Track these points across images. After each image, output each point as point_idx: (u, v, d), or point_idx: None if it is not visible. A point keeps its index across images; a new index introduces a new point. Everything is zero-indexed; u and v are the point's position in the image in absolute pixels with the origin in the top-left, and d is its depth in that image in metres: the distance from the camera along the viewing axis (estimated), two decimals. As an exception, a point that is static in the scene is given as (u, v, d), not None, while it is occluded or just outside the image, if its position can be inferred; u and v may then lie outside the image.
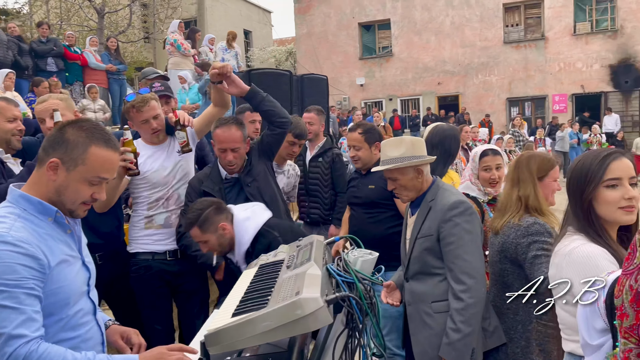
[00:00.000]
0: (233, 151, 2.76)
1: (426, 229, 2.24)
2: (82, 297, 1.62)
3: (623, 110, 18.09)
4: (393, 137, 10.47)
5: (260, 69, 6.04)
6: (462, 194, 2.38)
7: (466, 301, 2.09)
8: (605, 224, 1.59)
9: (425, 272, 2.25)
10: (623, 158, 1.60)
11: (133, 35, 16.94)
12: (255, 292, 1.54)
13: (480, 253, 2.20)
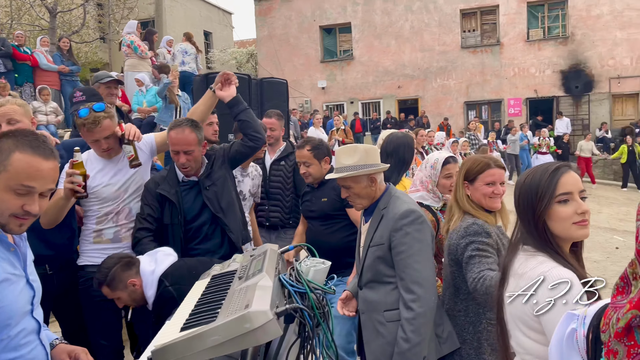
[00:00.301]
0: (186, 153, 2.73)
1: (378, 237, 2.24)
2: (24, 316, 1.56)
3: (574, 114, 18.83)
4: (353, 140, 10.55)
5: (218, 72, 5.95)
6: (414, 202, 2.40)
7: (416, 310, 2.09)
8: (560, 241, 1.53)
9: (377, 280, 2.25)
10: (571, 171, 1.55)
11: (87, 35, 16.46)
12: (205, 305, 1.52)
13: (431, 262, 2.21)
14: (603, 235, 9.25)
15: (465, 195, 2.26)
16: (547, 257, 1.48)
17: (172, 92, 7.57)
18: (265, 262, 1.66)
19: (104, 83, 4.26)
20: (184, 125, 2.73)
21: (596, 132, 18.33)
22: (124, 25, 16.94)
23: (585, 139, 15.79)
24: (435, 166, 2.78)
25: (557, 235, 1.51)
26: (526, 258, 1.52)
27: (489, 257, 2.07)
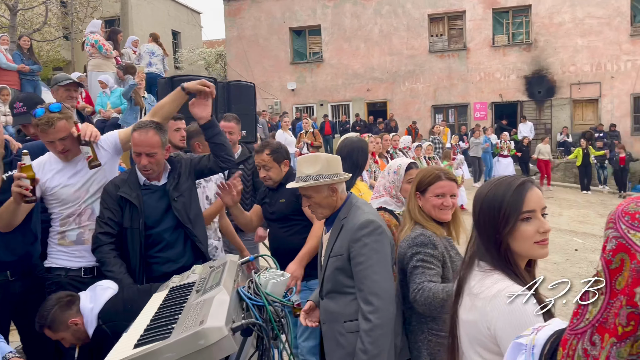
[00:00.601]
0: (148, 156, 2.69)
1: (338, 248, 2.24)
2: None
3: (537, 119, 19.35)
4: (322, 143, 10.55)
5: (184, 76, 5.90)
6: (375, 212, 2.40)
7: (374, 322, 2.07)
8: (517, 259, 1.48)
9: (337, 290, 2.24)
10: (534, 187, 1.50)
11: (49, 34, 15.98)
12: (161, 320, 1.50)
13: (390, 273, 2.20)
14: (563, 237, 9.53)
15: (417, 205, 2.29)
16: (503, 275, 1.44)
17: (137, 94, 7.45)
18: (224, 275, 1.66)
19: (63, 85, 4.16)
20: (148, 127, 2.69)
21: (557, 137, 18.88)
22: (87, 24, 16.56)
23: (543, 142, 16.24)
24: (399, 172, 2.82)
25: (517, 253, 1.47)
26: (482, 276, 1.47)
27: (432, 269, 2.09)
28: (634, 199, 0.92)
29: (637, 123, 18.99)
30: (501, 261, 1.45)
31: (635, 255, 0.86)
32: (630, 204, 0.90)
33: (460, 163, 11.19)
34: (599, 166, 16.23)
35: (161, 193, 2.80)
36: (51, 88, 4.16)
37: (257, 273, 1.68)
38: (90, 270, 2.76)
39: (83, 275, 2.74)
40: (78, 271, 2.73)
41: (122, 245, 2.69)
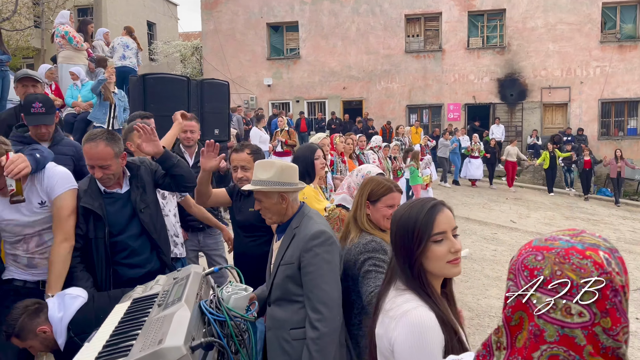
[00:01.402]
0: (102, 168, 2.63)
1: (289, 256, 2.27)
2: None
3: (508, 121, 19.73)
4: (297, 141, 10.53)
5: (156, 74, 5.83)
6: (326, 223, 2.43)
7: (321, 330, 2.12)
8: (431, 278, 1.56)
9: (286, 298, 2.27)
10: (445, 209, 1.59)
11: (19, 23, 15.54)
12: (121, 335, 1.51)
13: (338, 283, 2.24)
14: (529, 239, 9.78)
15: (365, 214, 2.38)
16: (414, 295, 1.51)
17: (107, 89, 7.33)
18: (187, 289, 1.67)
19: (19, 81, 4.07)
20: (98, 139, 2.63)
21: (527, 139, 19.30)
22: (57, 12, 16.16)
23: (512, 144, 16.59)
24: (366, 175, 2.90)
25: (431, 272, 1.55)
26: (395, 294, 1.55)
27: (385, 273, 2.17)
28: (534, 248, 0.94)
29: (604, 128, 19.56)
30: (415, 281, 1.53)
31: (533, 317, 0.89)
32: (529, 256, 0.93)
33: (428, 163, 11.34)
34: (565, 169, 16.68)
35: (124, 201, 2.76)
36: (14, 85, 4.06)
37: (220, 287, 1.70)
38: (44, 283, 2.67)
39: (42, 288, 2.67)
40: (37, 283, 2.68)
41: (88, 255, 2.66)
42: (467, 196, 14.34)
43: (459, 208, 12.38)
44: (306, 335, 2.16)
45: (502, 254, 8.50)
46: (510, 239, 9.68)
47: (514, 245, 9.14)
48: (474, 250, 8.51)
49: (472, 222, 10.92)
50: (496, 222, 11.09)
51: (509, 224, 11.12)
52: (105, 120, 7.54)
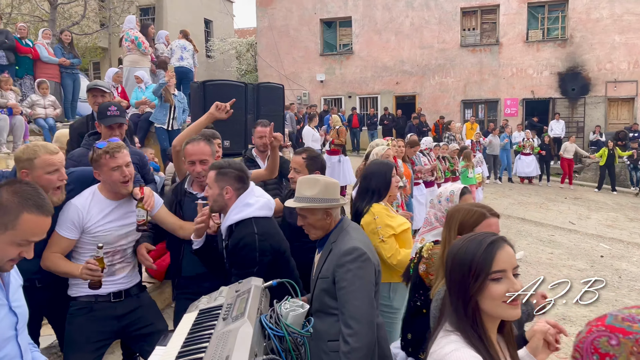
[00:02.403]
0: (202, 163, 2.97)
1: (325, 270, 2.34)
2: (8, 342, 1.69)
3: (569, 116, 18.98)
4: (344, 141, 10.54)
5: (216, 81, 6.08)
6: (364, 238, 2.44)
7: (352, 345, 2.16)
8: (486, 319, 1.47)
9: (323, 311, 2.34)
10: (506, 246, 1.49)
11: (87, 27, 16.47)
12: (191, 347, 1.67)
13: (371, 299, 2.27)
14: (589, 242, 9.42)
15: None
16: (461, 337, 1.43)
17: (167, 92, 7.69)
18: (249, 304, 1.82)
19: (89, 91, 4.38)
20: (199, 139, 3.05)
21: (590, 135, 18.50)
22: (123, 17, 16.98)
23: (570, 141, 15.96)
24: (452, 199, 2.58)
25: (486, 312, 1.45)
26: (442, 335, 1.48)
27: None
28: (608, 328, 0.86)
29: (675, 124, 18.46)
30: (467, 321, 1.44)
31: None
32: (602, 337, 0.86)
33: (480, 161, 11.01)
34: (631, 167, 15.89)
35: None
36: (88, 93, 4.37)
37: (278, 303, 1.83)
38: (118, 294, 2.82)
39: (112, 300, 2.80)
40: (108, 296, 2.79)
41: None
42: (523, 195, 13.96)
43: (514, 207, 12.09)
44: (339, 349, 2.23)
45: (559, 258, 8.27)
46: (568, 242, 9.38)
47: (572, 249, 8.87)
48: (529, 253, 8.33)
49: (528, 223, 10.65)
50: (553, 223, 10.75)
51: (568, 225, 10.76)
52: (165, 121, 7.92)
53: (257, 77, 23.00)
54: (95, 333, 2.71)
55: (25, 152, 2.53)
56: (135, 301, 2.87)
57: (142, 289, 3.00)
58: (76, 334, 2.69)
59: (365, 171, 3.35)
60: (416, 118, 17.56)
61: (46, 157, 2.52)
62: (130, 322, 2.83)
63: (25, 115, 7.61)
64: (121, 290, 2.82)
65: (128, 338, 2.93)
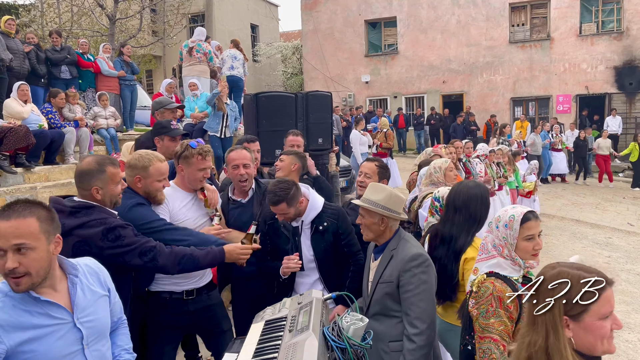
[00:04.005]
0: (244, 167, 3.30)
1: (387, 275, 2.51)
2: (71, 357, 1.83)
3: (626, 112, 18.21)
4: (392, 145, 10.51)
5: (268, 92, 6.29)
6: (420, 245, 2.57)
7: (417, 343, 2.36)
8: None
9: (384, 313, 2.50)
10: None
11: (143, 39, 17.25)
12: (262, 356, 1.83)
13: (433, 301, 2.46)
14: (649, 245, 9.06)
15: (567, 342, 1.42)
16: None
17: (220, 101, 7.98)
18: (312, 317, 1.96)
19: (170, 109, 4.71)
20: (240, 148, 3.42)
21: (649, 132, 17.69)
22: (176, 29, 17.67)
23: (603, 137, 15.28)
24: (512, 225, 2.22)
25: None
26: None
27: None
28: None
29: None
30: None
31: None
32: None
33: (534, 168, 10.20)
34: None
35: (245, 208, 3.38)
36: (156, 112, 4.67)
37: (340, 317, 1.97)
38: (190, 292, 3.02)
39: (185, 297, 3.02)
40: (181, 294, 3.02)
41: None
42: (577, 195, 13.54)
43: (569, 208, 11.76)
44: (403, 347, 2.40)
45: (617, 261, 8.01)
46: (626, 244, 9.05)
47: (630, 252, 8.56)
48: (585, 257, 8.10)
49: (583, 225, 10.35)
50: (611, 225, 10.38)
51: (626, 227, 10.37)
52: (218, 130, 8.23)
53: (303, 79, 23.27)
54: (172, 326, 3.02)
55: (141, 161, 2.86)
56: (205, 299, 3.10)
57: (212, 287, 3.21)
58: (160, 326, 3.02)
59: (464, 195, 2.87)
60: (461, 117, 17.27)
61: (158, 165, 2.87)
62: (200, 319, 3.09)
63: (89, 126, 8.08)
64: (194, 289, 3.04)
65: (199, 332, 3.31)
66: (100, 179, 2.51)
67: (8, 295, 1.73)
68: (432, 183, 4.21)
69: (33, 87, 7.75)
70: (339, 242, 3.12)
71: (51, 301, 1.81)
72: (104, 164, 2.56)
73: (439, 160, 4.38)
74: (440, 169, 4.25)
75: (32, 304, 1.77)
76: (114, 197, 2.58)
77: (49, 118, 7.37)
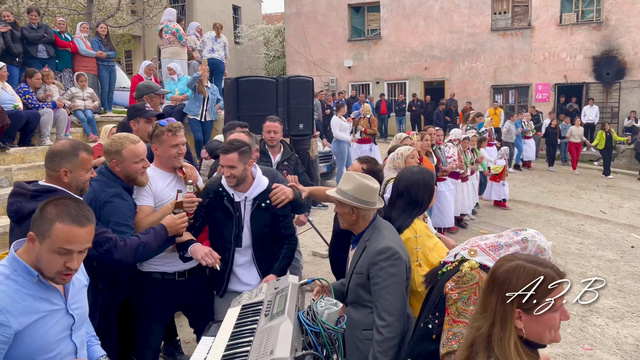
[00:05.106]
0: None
1: (359, 266, 2.56)
2: (61, 342, 1.89)
3: (603, 102, 18.54)
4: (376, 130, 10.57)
5: (248, 77, 6.26)
6: (395, 238, 2.59)
7: (385, 335, 2.40)
8: None
9: (358, 302, 2.56)
10: None
11: (122, 19, 16.87)
12: (238, 340, 1.87)
13: (402, 294, 2.48)
14: (620, 232, 9.32)
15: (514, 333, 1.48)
16: None
17: (201, 84, 7.93)
18: (288, 301, 2.00)
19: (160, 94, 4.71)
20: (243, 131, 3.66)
21: (625, 121, 18.07)
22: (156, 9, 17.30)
23: (576, 125, 15.64)
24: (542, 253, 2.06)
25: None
26: None
27: None
28: None
29: None
30: None
31: None
32: None
33: (505, 154, 10.72)
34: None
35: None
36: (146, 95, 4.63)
37: (315, 302, 2.01)
38: (182, 273, 3.12)
39: (177, 279, 3.11)
40: (173, 275, 3.10)
41: None
42: (553, 183, 13.82)
43: (544, 196, 12.01)
44: (373, 338, 2.46)
45: (589, 248, 8.24)
46: (598, 232, 9.31)
47: (602, 239, 8.81)
48: (558, 243, 8.31)
49: (557, 212, 10.59)
50: (584, 213, 10.65)
51: (599, 214, 10.65)
52: (198, 113, 8.18)
53: (285, 63, 23.11)
54: (163, 305, 3.09)
55: (114, 145, 2.86)
56: (197, 281, 3.18)
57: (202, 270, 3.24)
58: (150, 305, 3.08)
59: (406, 180, 2.92)
60: (443, 104, 17.41)
61: (132, 147, 2.85)
62: (191, 301, 3.21)
63: (67, 107, 7.94)
64: (185, 270, 3.13)
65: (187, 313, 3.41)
66: (71, 162, 2.52)
67: (10, 278, 1.76)
68: (394, 168, 4.37)
69: (8, 67, 7.56)
70: (276, 223, 3.14)
71: (55, 287, 1.86)
72: (78, 148, 2.57)
73: (402, 147, 4.57)
74: (402, 155, 4.46)
75: (36, 289, 1.80)
76: (81, 184, 2.58)
77: (26, 98, 7.23)
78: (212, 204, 3.08)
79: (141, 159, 2.89)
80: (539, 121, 16.51)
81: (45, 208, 1.79)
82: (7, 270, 1.78)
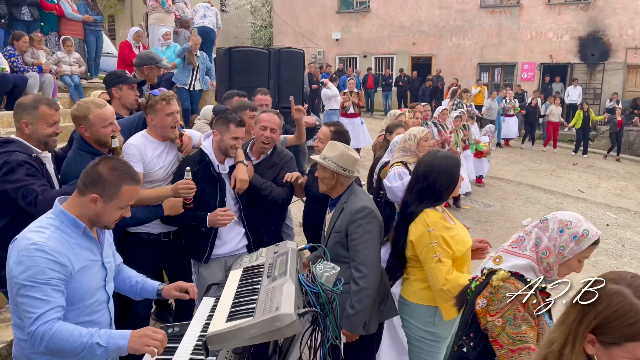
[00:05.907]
0: (272, 131, 3.42)
1: (337, 226, 2.81)
2: (98, 291, 2.09)
3: (586, 83, 18.80)
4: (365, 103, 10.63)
5: (241, 47, 6.25)
6: (370, 199, 2.89)
7: (361, 285, 2.69)
8: None
9: (336, 259, 2.71)
10: None
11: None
12: (243, 299, 1.99)
13: (377, 248, 2.76)
14: (596, 211, 9.65)
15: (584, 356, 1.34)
16: None
17: (191, 54, 7.86)
18: (288, 265, 2.12)
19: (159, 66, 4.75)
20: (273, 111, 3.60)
21: (606, 103, 18.38)
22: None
23: (555, 104, 15.93)
24: (581, 241, 1.87)
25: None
26: None
27: None
28: None
29: (694, 92, 18.24)
30: None
31: None
32: None
33: (489, 131, 11.12)
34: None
35: None
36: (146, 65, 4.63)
37: (314, 264, 2.14)
38: (167, 234, 3.26)
39: (163, 239, 3.26)
40: (158, 235, 3.25)
41: None
42: (534, 162, 14.11)
43: (525, 174, 12.29)
44: (350, 289, 2.70)
45: (566, 225, 8.52)
46: (575, 210, 9.61)
47: (578, 216, 9.10)
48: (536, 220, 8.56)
49: (537, 190, 10.88)
50: (563, 191, 10.96)
51: (577, 193, 10.97)
52: (187, 82, 8.14)
53: (272, 33, 22.83)
54: (149, 262, 3.16)
55: (80, 110, 2.84)
56: (177, 243, 3.32)
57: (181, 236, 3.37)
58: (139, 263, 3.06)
59: (427, 164, 2.67)
60: (430, 80, 17.46)
61: (98, 111, 2.82)
62: (174, 261, 3.37)
63: (53, 72, 7.83)
64: (170, 232, 3.27)
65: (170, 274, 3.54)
66: (30, 114, 2.62)
67: (60, 229, 1.94)
68: (404, 150, 4.09)
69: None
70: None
71: (95, 240, 2.07)
72: (40, 101, 2.69)
73: (415, 128, 4.21)
74: (414, 137, 4.07)
75: (82, 240, 2.00)
76: (42, 137, 2.69)
77: (12, 61, 7.11)
78: (199, 173, 3.13)
79: (109, 122, 2.87)
80: (524, 100, 16.71)
81: (102, 170, 1.97)
82: (55, 222, 1.96)
